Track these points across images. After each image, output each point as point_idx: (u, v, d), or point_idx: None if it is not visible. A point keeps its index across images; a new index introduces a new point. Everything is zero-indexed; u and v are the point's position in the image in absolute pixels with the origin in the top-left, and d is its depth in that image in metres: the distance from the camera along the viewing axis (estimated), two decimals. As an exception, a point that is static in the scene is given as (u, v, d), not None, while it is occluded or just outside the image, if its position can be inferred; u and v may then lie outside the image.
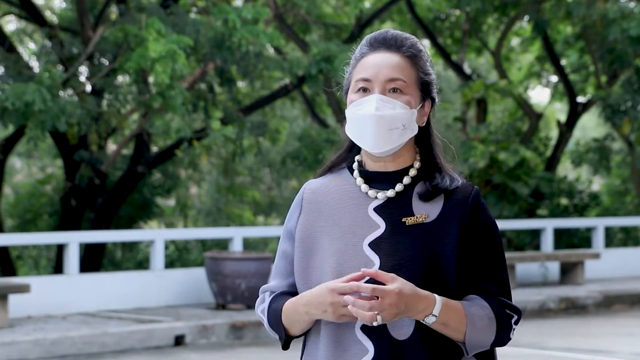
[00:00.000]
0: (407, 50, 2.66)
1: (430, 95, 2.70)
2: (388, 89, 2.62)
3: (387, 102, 2.61)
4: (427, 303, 2.50)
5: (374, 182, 2.67)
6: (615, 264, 16.79)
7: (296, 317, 2.62)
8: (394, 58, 2.64)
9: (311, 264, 2.64)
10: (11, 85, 13.38)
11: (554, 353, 10.41)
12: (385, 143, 2.62)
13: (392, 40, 2.67)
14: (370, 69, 2.64)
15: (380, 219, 2.62)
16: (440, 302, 2.52)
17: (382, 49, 2.66)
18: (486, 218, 2.64)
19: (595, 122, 27.66)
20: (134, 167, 17.17)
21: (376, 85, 2.62)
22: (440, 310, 2.51)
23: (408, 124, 2.63)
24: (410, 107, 2.63)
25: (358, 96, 2.64)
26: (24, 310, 11.83)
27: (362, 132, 2.63)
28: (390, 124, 2.60)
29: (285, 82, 19.29)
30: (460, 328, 2.55)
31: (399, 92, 2.62)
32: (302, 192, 2.75)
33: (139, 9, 15.00)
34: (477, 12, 19.48)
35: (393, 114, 2.60)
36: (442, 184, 2.64)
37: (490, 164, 18.15)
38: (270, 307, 2.69)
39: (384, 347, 2.56)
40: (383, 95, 2.62)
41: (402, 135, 2.63)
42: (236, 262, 12.54)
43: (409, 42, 2.67)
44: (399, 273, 2.52)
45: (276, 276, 2.75)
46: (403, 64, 2.64)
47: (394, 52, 2.65)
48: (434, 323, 2.52)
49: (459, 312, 2.54)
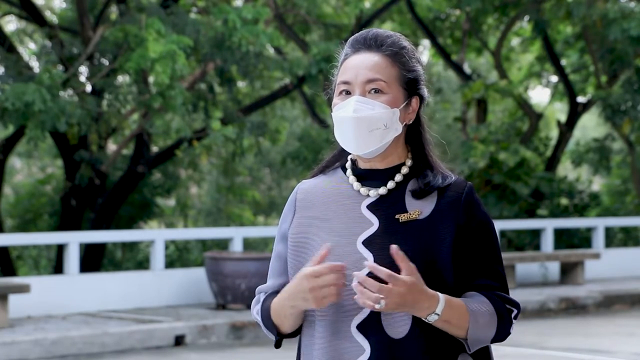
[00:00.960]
0: (387, 48, 2.64)
1: (418, 92, 2.67)
2: (368, 90, 2.61)
3: (365, 103, 2.59)
4: (431, 302, 2.50)
5: (366, 180, 2.67)
6: (615, 264, 16.78)
7: (283, 312, 2.62)
8: (373, 58, 2.62)
9: (304, 262, 2.63)
10: (11, 86, 13.38)
11: (554, 353, 10.41)
12: (366, 144, 2.61)
13: (372, 39, 2.65)
14: (349, 71, 2.63)
15: (374, 216, 2.62)
16: (444, 301, 2.52)
17: (362, 49, 2.65)
18: (481, 213, 2.64)
19: (595, 122, 27.67)
20: (134, 167, 17.17)
21: (356, 87, 2.61)
22: (443, 309, 2.51)
23: (390, 123, 2.61)
24: (392, 106, 2.61)
25: (340, 99, 2.64)
26: (24, 310, 11.83)
27: (343, 134, 2.63)
28: (370, 125, 2.59)
29: (285, 82, 19.30)
30: (462, 325, 2.54)
31: (380, 92, 2.61)
32: (296, 192, 2.75)
33: (139, 9, 14.99)
34: (477, 12, 19.48)
35: (372, 115, 2.59)
36: (435, 182, 2.63)
37: (490, 164, 18.15)
38: (263, 306, 2.69)
39: (380, 346, 2.55)
40: (363, 96, 2.60)
41: (385, 135, 2.61)
42: (236, 262, 12.54)
43: (390, 41, 2.65)
44: (393, 269, 2.51)
45: (271, 277, 2.75)
46: (383, 64, 2.62)
47: (373, 51, 2.64)
48: (436, 321, 2.52)
49: (461, 310, 2.54)
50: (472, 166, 18.07)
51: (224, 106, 17.27)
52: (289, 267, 2.67)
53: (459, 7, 19.01)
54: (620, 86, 18.82)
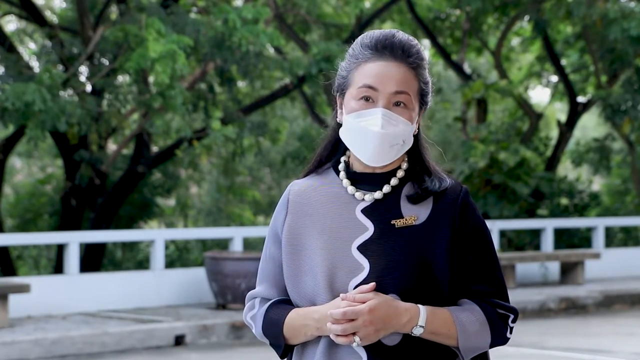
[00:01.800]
0: (414, 61, 2.59)
1: (426, 102, 2.65)
2: (393, 102, 2.56)
3: (391, 118, 2.55)
4: (410, 315, 2.48)
5: (361, 184, 2.63)
6: (615, 264, 16.78)
7: (304, 330, 2.58)
8: (400, 69, 2.57)
9: (301, 268, 2.60)
10: (11, 85, 13.38)
11: (554, 353, 10.41)
12: (384, 158, 2.59)
13: (399, 47, 2.58)
14: (376, 78, 2.56)
15: (369, 221, 2.59)
16: (425, 312, 2.49)
17: (388, 56, 2.58)
18: (476, 218, 2.61)
19: (596, 122, 27.66)
20: (134, 167, 17.18)
21: (381, 97, 2.56)
22: (426, 320, 2.49)
23: (407, 139, 2.59)
24: (412, 122, 2.59)
25: (361, 105, 2.57)
26: (24, 310, 11.83)
27: (362, 145, 2.58)
28: (392, 140, 2.56)
29: (285, 82, 19.30)
30: (451, 334, 2.53)
31: (403, 107, 2.57)
32: (288, 193, 2.71)
33: (139, 9, 14.99)
34: (477, 11, 19.47)
35: (396, 132, 2.56)
36: (431, 187, 2.60)
37: (490, 163, 18.14)
38: (267, 315, 2.64)
39: (376, 354, 2.53)
40: (387, 109, 2.55)
41: (401, 150, 2.60)
42: (236, 262, 12.54)
43: (415, 50, 2.59)
44: (389, 276, 2.50)
45: (264, 281, 2.70)
46: (408, 76, 2.58)
47: (400, 61, 2.58)
48: (423, 333, 2.50)
49: (447, 319, 2.52)
50: (472, 166, 18.06)
51: (224, 106, 17.27)
52: (286, 274, 2.63)
53: (459, 7, 19.01)
54: (620, 86, 18.82)
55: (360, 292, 2.49)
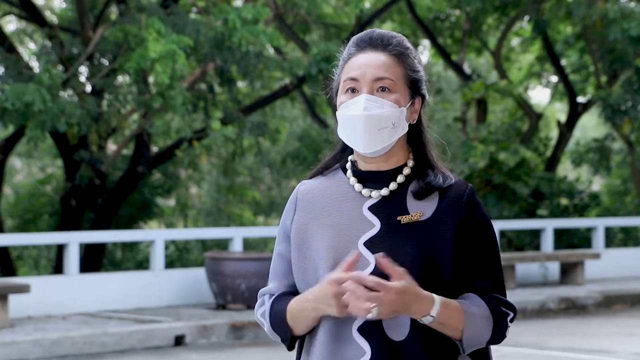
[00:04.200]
0: (394, 48, 2.65)
1: (420, 92, 2.69)
2: (376, 88, 2.62)
3: (375, 101, 2.61)
4: (426, 304, 2.50)
5: (368, 182, 2.67)
6: (615, 264, 16.78)
7: (303, 314, 2.62)
8: (380, 57, 2.64)
9: (308, 264, 2.64)
10: (11, 86, 13.38)
11: (554, 353, 10.42)
12: (375, 143, 2.61)
13: (378, 39, 2.66)
14: (357, 69, 2.63)
15: (375, 217, 2.62)
16: (439, 303, 2.52)
17: (368, 48, 2.65)
18: (481, 215, 2.64)
19: (595, 122, 27.65)
20: (134, 167, 17.18)
21: (364, 85, 2.62)
22: (438, 311, 2.51)
23: (398, 122, 2.62)
24: (399, 105, 2.63)
25: (347, 97, 2.64)
26: (24, 310, 11.83)
27: (352, 133, 2.63)
28: (380, 123, 2.60)
29: (285, 82, 19.30)
30: (458, 327, 2.55)
31: (387, 91, 2.62)
32: (296, 192, 2.75)
33: (139, 9, 15.00)
34: (477, 12, 19.48)
35: (382, 113, 2.60)
36: (436, 182, 2.63)
37: (490, 164, 18.15)
38: (273, 308, 2.68)
39: (381, 348, 2.55)
40: (371, 94, 2.61)
41: (393, 134, 2.62)
42: (236, 262, 12.54)
43: (395, 41, 2.67)
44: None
45: (274, 278, 2.74)
46: (390, 63, 2.64)
47: (380, 51, 2.65)
48: (431, 323, 2.52)
49: (457, 312, 2.54)
50: (472, 166, 18.07)
51: (224, 106, 17.27)
52: (294, 267, 2.67)
53: (459, 7, 19.02)
54: (620, 86, 18.82)
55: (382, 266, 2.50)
